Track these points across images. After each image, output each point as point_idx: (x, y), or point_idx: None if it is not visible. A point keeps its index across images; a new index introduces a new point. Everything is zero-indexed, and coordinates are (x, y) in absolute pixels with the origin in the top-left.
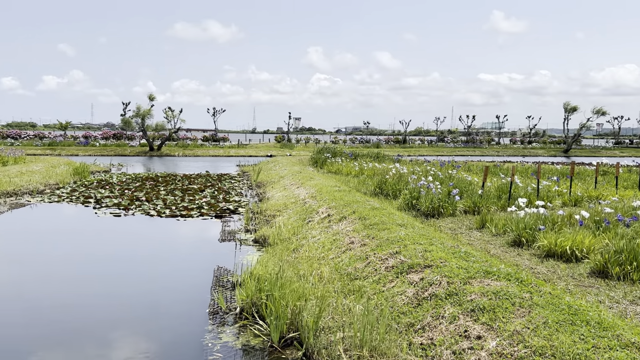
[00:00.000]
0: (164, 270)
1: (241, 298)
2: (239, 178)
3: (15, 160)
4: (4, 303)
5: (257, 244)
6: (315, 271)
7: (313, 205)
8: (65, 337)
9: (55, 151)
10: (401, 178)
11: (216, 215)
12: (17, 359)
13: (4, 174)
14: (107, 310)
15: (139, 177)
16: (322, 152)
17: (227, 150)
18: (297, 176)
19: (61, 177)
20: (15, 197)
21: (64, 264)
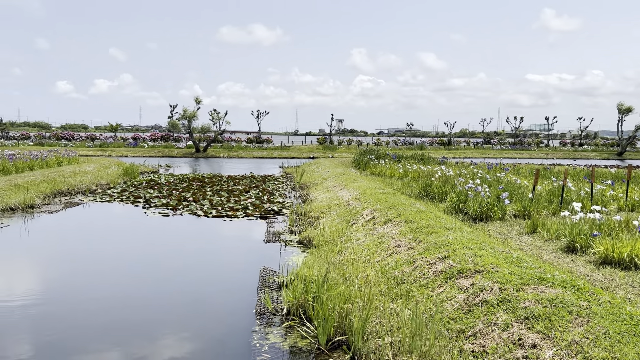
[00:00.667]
0: (211, 270)
1: (288, 299)
2: (282, 179)
3: (69, 161)
4: (57, 298)
5: (302, 245)
6: (361, 274)
7: (357, 207)
8: (115, 333)
9: (106, 152)
10: (447, 181)
11: (261, 216)
12: (68, 354)
13: (59, 174)
14: (156, 307)
15: (186, 178)
16: (364, 154)
17: (270, 152)
18: (340, 178)
19: (112, 177)
20: (69, 197)
21: (114, 262)
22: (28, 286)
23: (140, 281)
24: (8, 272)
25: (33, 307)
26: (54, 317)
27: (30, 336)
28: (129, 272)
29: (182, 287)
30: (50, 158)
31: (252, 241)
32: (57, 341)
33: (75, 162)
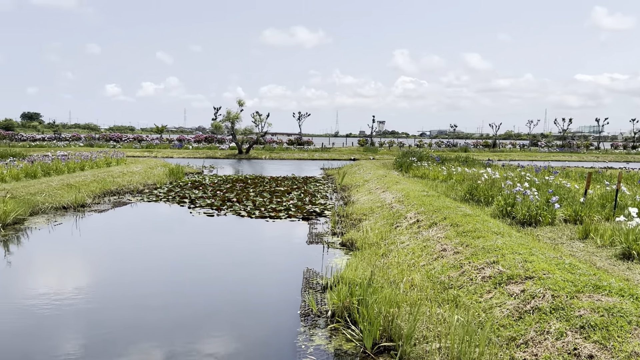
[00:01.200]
0: (255, 270)
1: (332, 301)
2: (323, 181)
3: (117, 162)
4: (106, 295)
5: (344, 247)
6: (406, 278)
7: (400, 210)
8: (161, 331)
9: (152, 153)
10: (494, 183)
11: (303, 218)
12: (116, 350)
13: (108, 174)
14: (202, 306)
15: (229, 179)
16: (407, 156)
17: (311, 154)
18: (382, 180)
19: (158, 177)
20: (118, 196)
21: (161, 261)
22: (78, 283)
23: (186, 280)
24: (60, 268)
25: (83, 304)
26: (103, 314)
27: (80, 332)
28: (175, 271)
29: (227, 287)
30: (99, 159)
31: (294, 242)
32: (106, 337)
33: (123, 162)
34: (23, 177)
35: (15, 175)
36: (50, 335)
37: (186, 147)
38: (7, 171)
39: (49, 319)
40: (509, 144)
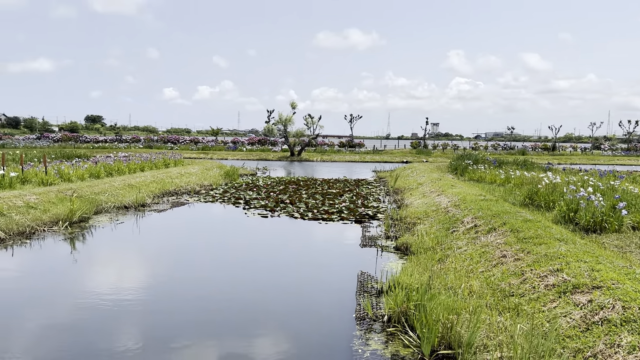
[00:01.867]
0: (309, 272)
1: (388, 306)
2: (375, 184)
3: (175, 163)
4: (163, 293)
5: (399, 251)
6: (464, 284)
7: (456, 214)
8: (215, 331)
9: (207, 155)
10: (555, 188)
11: (356, 220)
12: (171, 348)
13: (167, 175)
14: (256, 306)
15: (282, 181)
16: (462, 159)
17: (362, 156)
18: (436, 183)
19: (214, 179)
20: (176, 196)
21: (217, 261)
22: (138, 280)
23: (241, 281)
24: (122, 266)
25: (142, 301)
26: (160, 312)
27: (138, 329)
28: (231, 271)
29: (281, 288)
30: (158, 160)
31: (347, 245)
32: (162, 335)
33: (181, 164)
34: (87, 177)
35: (80, 176)
36: (110, 332)
37: (240, 149)
38: (73, 171)
39: (110, 315)
40: (570, 147)
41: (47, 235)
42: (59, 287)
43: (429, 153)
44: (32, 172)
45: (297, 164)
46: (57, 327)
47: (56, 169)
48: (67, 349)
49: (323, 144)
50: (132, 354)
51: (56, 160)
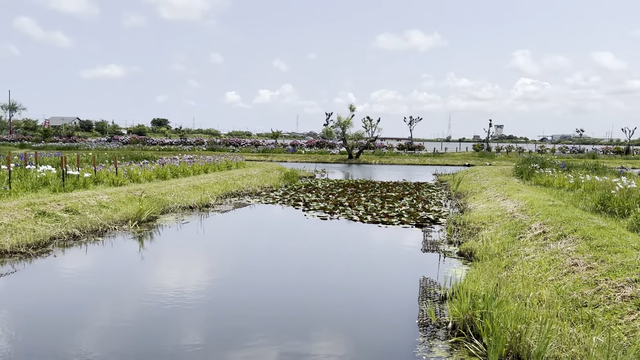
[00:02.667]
0: (369, 276)
1: (453, 313)
2: (436, 187)
3: (237, 165)
4: (224, 292)
5: (462, 257)
6: (533, 293)
7: (523, 219)
8: (274, 333)
9: (267, 157)
10: (630, 194)
11: (416, 224)
12: (230, 347)
13: (229, 176)
14: (316, 309)
15: (340, 183)
16: (528, 162)
17: (422, 159)
18: (501, 187)
19: (274, 181)
20: (238, 198)
21: (277, 262)
22: (201, 279)
23: (300, 283)
24: (186, 264)
25: (205, 299)
26: (219, 310)
27: (199, 327)
28: (291, 273)
29: (342, 291)
30: (221, 162)
31: (408, 249)
32: (220, 334)
33: (242, 166)
34: (155, 178)
35: (148, 177)
36: (173, 327)
37: (299, 151)
38: (141, 173)
39: (173, 312)
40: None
41: (118, 233)
42: (128, 283)
43: (492, 156)
44: (103, 173)
45: (355, 166)
46: (125, 321)
47: (126, 170)
48: (132, 342)
49: (381, 146)
50: (192, 352)
51: (125, 161)
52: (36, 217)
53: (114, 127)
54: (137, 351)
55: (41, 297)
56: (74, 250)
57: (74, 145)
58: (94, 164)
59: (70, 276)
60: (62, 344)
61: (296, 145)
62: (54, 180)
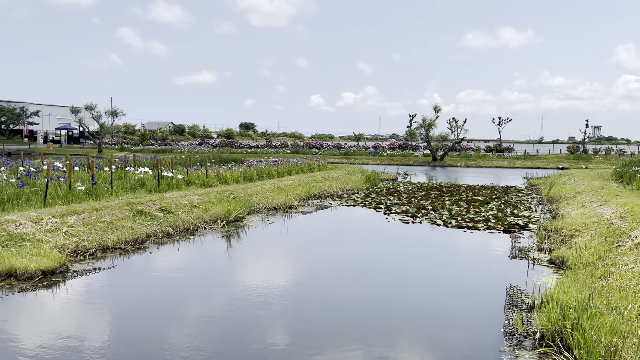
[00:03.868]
0: (453, 281)
1: (541, 323)
2: (526, 191)
3: (319, 168)
4: (305, 293)
5: (553, 265)
6: (632, 305)
7: (622, 227)
8: (355, 336)
9: (349, 160)
10: None
11: (504, 230)
12: (311, 349)
13: (311, 179)
14: (398, 313)
15: (423, 186)
16: (629, 165)
17: (511, 162)
18: (598, 192)
19: (356, 183)
20: (319, 200)
21: (358, 265)
22: (283, 279)
23: (382, 287)
24: (269, 264)
25: (286, 299)
26: (303, 309)
27: (279, 326)
28: (372, 276)
29: (423, 296)
30: (304, 165)
31: (494, 256)
32: (303, 334)
33: (324, 168)
34: (242, 180)
35: (235, 178)
36: (258, 323)
37: (381, 154)
38: (229, 175)
39: (257, 309)
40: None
41: (207, 232)
42: (217, 280)
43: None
44: (195, 175)
45: (439, 169)
46: (213, 316)
47: (215, 172)
48: (219, 337)
49: (468, 148)
50: (276, 350)
51: (215, 164)
52: (134, 215)
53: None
54: (224, 346)
55: (138, 290)
56: (168, 247)
57: (168, 149)
58: (186, 166)
59: (164, 271)
60: (154, 335)
61: (378, 148)
62: (150, 181)
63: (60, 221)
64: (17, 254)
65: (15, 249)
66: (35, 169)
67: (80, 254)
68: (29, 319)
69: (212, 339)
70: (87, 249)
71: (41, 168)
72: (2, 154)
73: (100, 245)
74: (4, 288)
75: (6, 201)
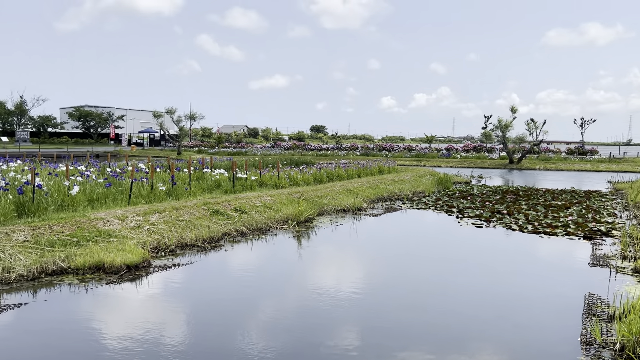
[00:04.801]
0: (528, 288)
1: (622, 333)
2: (610, 196)
3: (389, 170)
4: (375, 296)
5: (638, 274)
6: None
7: None
8: (427, 342)
9: (420, 162)
10: None
11: (584, 236)
12: (384, 353)
13: (381, 181)
14: (470, 318)
15: (498, 190)
16: None
17: (595, 165)
18: None
19: (427, 186)
20: (389, 202)
21: (429, 269)
22: (352, 280)
23: (453, 292)
24: (338, 265)
25: (356, 300)
26: (373, 312)
27: (352, 326)
28: (444, 280)
29: (497, 302)
30: (374, 167)
31: (572, 263)
32: (374, 337)
33: (394, 171)
34: (312, 182)
35: (306, 180)
36: (329, 324)
37: (454, 156)
38: (300, 176)
39: (329, 309)
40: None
41: (279, 232)
42: (289, 279)
43: None
44: (267, 176)
45: (516, 172)
46: (284, 316)
47: (286, 173)
48: (290, 336)
49: (547, 150)
50: (346, 352)
51: (286, 166)
52: (211, 215)
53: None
54: (295, 345)
55: (214, 286)
56: (242, 246)
57: (242, 151)
58: (259, 168)
59: (238, 269)
60: (227, 330)
61: (451, 150)
62: (225, 182)
63: (143, 219)
64: (105, 249)
65: (103, 244)
66: (121, 170)
67: (161, 250)
68: (115, 309)
69: (282, 337)
70: (167, 246)
71: (126, 169)
72: (91, 155)
73: (180, 243)
74: (93, 280)
75: (95, 200)
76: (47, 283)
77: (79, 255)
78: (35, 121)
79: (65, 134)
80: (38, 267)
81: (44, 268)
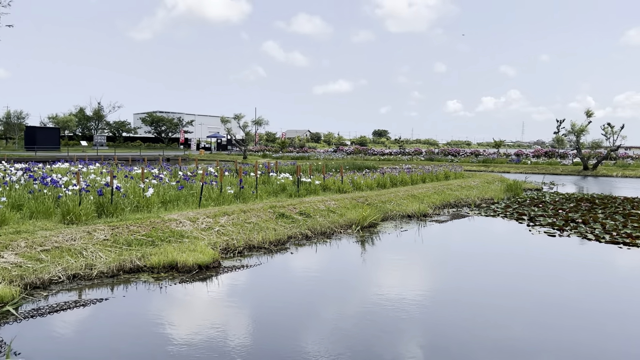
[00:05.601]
0: (606, 301)
1: None
2: None
3: (455, 175)
4: (442, 305)
5: None
6: None
7: None
8: (497, 355)
9: (488, 168)
10: None
11: None
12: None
13: (447, 187)
14: (544, 332)
15: (572, 197)
16: None
17: None
18: None
19: (495, 192)
20: (455, 209)
21: (499, 279)
22: (417, 287)
23: (526, 303)
24: (403, 272)
25: (421, 308)
26: (439, 322)
27: (416, 336)
28: (515, 291)
29: (574, 316)
30: (439, 172)
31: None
32: (438, 348)
33: (461, 176)
34: (375, 187)
35: (369, 185)
36: (392, 333)
37: (524, 162)
38: (363, 181)
39: (393, 317)
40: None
41: (342, 236)
42: (352, 284)
43: None
44: (330, 181)
45: (591, 179)
46: (347, 321)
47: (350, 178)
48: (352, 342)
49: (626, 156)
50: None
51: (349, 170)
52: (277, 218)
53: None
54: (356, 351)
55: (280, 287)
56: (307, 249)
57: (306, 155)
58: (323, 172)
59: (303, 271)
60: (291, 332)
61: (521, 155)
62: (290, 186)
63: (213, 221)
64: (178, 249)
65: (176, 244)
66: (191, 173)
67: (229, 251)
68: (188, 307)
69: (342, 342)
70: (235, 247)
71: (196, 172)
72: (163, 159)
73: (247, 244)
74: (167, 279)
75: (168, 202)
76: (124, 280)
77: (154, 254)
78: (111, 126)
79: (138, 139)
80: (117, 264)
81: (122, 266)
